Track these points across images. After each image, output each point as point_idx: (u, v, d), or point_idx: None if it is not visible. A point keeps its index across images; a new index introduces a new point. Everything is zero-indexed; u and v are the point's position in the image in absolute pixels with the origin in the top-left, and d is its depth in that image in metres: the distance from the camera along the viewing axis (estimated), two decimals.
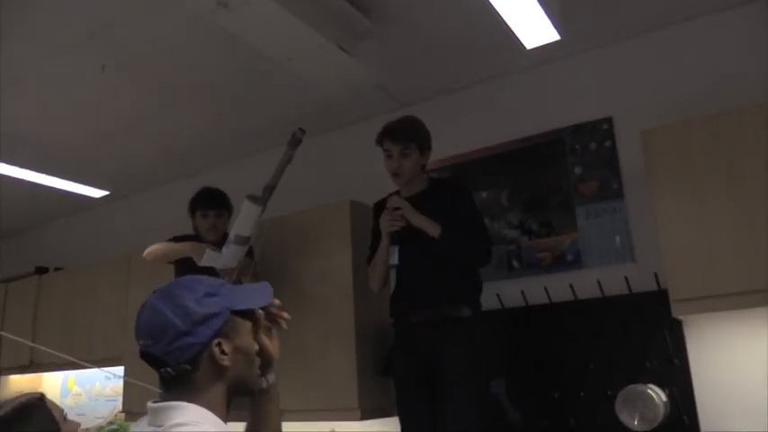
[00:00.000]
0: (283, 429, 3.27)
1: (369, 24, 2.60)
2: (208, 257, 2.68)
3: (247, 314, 1.27)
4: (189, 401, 1.16)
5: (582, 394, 2.65)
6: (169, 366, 1.16)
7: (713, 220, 2.28)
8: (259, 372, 1.31)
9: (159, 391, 1.24)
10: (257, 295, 1.33)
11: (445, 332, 2.33)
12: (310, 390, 2.96)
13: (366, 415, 2.86)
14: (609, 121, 2.89)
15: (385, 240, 2.48)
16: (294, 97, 3.25)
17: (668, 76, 2.79)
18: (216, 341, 1.18)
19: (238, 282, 2.71)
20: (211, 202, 2.98)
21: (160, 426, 1.14)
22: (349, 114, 3.49)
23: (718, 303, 2.25)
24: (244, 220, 2.60)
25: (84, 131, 3.48)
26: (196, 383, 1.17)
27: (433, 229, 2.36)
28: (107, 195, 4.39)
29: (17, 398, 1.66)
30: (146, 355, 1.19)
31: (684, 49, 2.78)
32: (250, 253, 2.91)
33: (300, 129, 2.61)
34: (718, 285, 2.23)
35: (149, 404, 1.19)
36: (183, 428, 1.11)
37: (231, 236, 2.63)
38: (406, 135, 2.44)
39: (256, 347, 1.28)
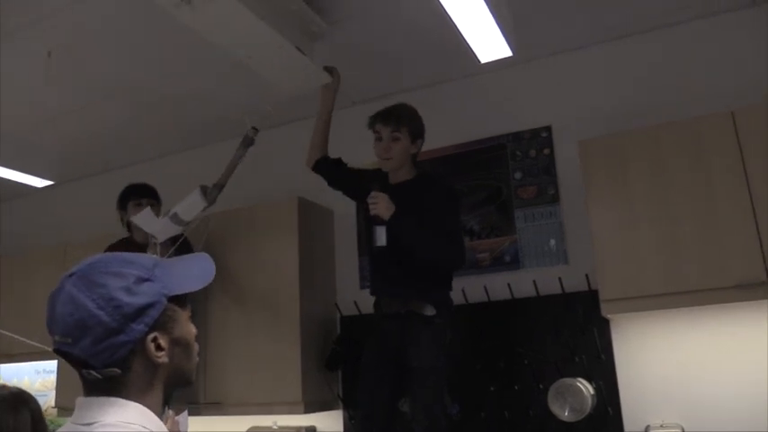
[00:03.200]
0: (225, 422, 3.30)
1: (323, 25, 2.65)
2: (144, 215, 2.67)
3: (184, 298, 1.08)
4: (125, 399, 0.99)
5: (516, 387, 2.79)
6: (93, 369, 0.97)
7: (641, 227, 2.47)
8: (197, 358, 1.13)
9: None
10: (198, 272, 1.11)
11: (411, 327, 2.33)
12: (255, 383, 2.99)
13: (309, 408, 2.92)
14: (548, 129, 3.06)
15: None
16: (246, 93, 3.26)
17: (606, 90, 2.98)
18: (151, 336, 1.00)
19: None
20: (144, 191, 2.99)
21: (90, 423, 0.95)
22: (300, 111, 3.53)
23: (642, 304, 2.43)
24: (187, 206, 2.62)
25: (29, 118, 3.38)
26: (128, 385, 0.99)
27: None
28: (49, 185, 4.28)
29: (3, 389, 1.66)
30: (62, 353, 0.99)
31: (621, 64, 2.97)
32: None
33: (254, 128, 2.64)
34: (644, 287, 2.41)
35: (79, 398, 1.01)
36: (120, 430, 0.95)
37: (171, 211, 2.65)
38: (397, 118, 2.44)
39: (194, 331, 1.11)
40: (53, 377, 3.86)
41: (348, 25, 2.75)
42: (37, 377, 4.37)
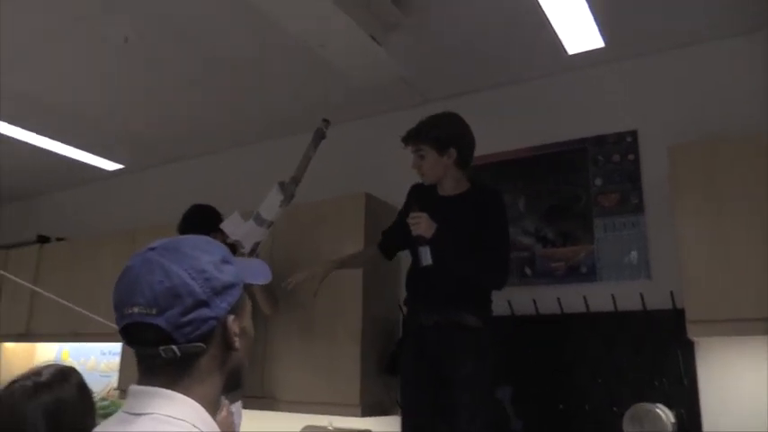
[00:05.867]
0: (281, 419, 3.24)
1: (399, 15, 2.55)
2: (233, 220, 2.62)
3: (250, 291, 1.10)
4: (182, 393, 0.94)
5: (587, 408, 2.61)
6: (175, 343, 0.92)
7: (735, 243, 2.25)
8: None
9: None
10: (261, 270, 1.13)
11: (453, 337, 2.30)
12: (312, 381, 2.92)
13: (367, 411, 2.82)
14: (634, 134, 2.85)
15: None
16: (317, 85, 3.20)
17: (701, 93, 2.74)
18: (231, 317, 0.99)
19: None
20: (195, 230, 2.74)
21: (140, 413, 0.92)
22: (371, 106, 3.45)
23: (734, 328, 2.22)
24: (267, 203, 2.57)
25: (104, 103, 3.43)
26: (197, 370, 0.95)
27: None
28: (119, 169, 4.35)
29: (50, 365, 1.62)
30: (135, 330, 0.94)
31: (721, 66, 2.73)
32: None
33: (325, 120, 2.56)
34: (736, 309, 2.19)
35: (132, 386, 0.97)
36: (165, 427, 0.90)
37: (254, 212, 2.61)
38: (415, 136, 2.39)
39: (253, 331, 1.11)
40: (118, 359, 3.92)
41: (425, 16, 2.62)
42: (102, 358, 4.46)
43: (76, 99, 3.47)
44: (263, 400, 3.06)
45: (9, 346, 4.65)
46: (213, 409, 0.99)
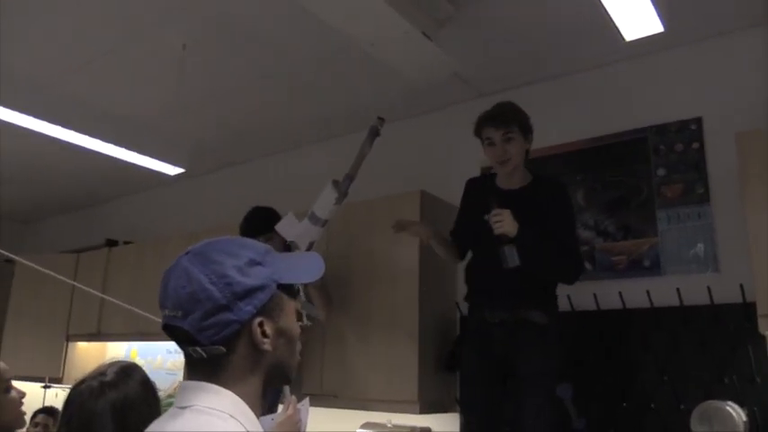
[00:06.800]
0: (341, 415, 3.27)
1: (450, 9, 2.53)
2: (287, 220, 2.64)
3: (292, 290, 1.09)
4: (222, 387, 0.99)
5: (652, 406, 2.53)
6: (200, 345, 0.98)
7: None
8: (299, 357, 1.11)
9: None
10: (308, 267, 1.11)
11: (520, 334, 2.26)
12: (371, 379, 2.94)
13: (425, 409, 2.82)
14: (698, 121, 2.74)
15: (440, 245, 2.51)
16: (370, 84, 3.22)
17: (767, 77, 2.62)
18: (258, 320, 1.00)
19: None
20: (255, 230, 2.82)
21: (185, 406, 0.98)
22: (424, 103, 3.43)
23: None
24: (321, 202, 2.59)
25: (164, 109, 3.54)
26: (229, 369, 1.00)
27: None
28: (180, 173, 4.48)
29: (113, 363, 1.68)
30: (172, 329, 1.01)
31: None
32: None
33: (379, 118, 2.56)
34: None
35: (181, 381, 1.04)
36: (202, 417, 0.95)
37: (309, 212, 2.63)
38: (506, 117, 2.31)
39: (298, 329, 1.09)
40: (182, 357, 4.04)
41: (476, 8, 2.59)
42: (168, 357, 4.60)
43: (139, 106, 3.60)
44: (323, 397, 3.09)
45: (82, 345, 4.85)
46: (254, 403, 1.02)
